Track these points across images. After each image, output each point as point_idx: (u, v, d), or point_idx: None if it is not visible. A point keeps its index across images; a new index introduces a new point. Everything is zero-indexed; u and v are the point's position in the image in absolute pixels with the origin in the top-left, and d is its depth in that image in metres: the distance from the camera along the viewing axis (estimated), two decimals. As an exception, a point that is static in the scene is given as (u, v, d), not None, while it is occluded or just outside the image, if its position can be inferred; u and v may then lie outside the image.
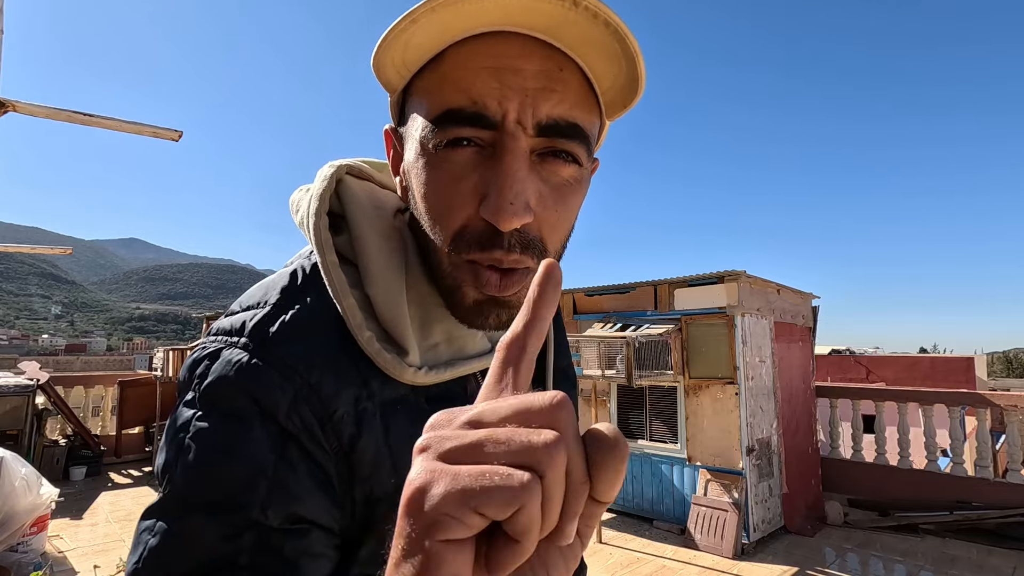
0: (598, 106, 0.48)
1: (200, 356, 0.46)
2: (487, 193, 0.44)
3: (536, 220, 0.45)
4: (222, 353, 0.45)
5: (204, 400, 0.44)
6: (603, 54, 0.44)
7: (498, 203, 0.43)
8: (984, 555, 4.62)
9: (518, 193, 0.43)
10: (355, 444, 0.46)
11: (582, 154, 0.47)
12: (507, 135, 0.43)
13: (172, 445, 0.43)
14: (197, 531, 0.40)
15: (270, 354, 0.45)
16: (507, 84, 0.43)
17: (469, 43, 0.44)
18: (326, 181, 0.54)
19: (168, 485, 0.42)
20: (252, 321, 0.47)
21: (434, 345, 0.52)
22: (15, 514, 3.70)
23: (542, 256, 0.47)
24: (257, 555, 0.40)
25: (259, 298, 0.50)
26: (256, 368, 0.44)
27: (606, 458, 0.24)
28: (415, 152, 0.48)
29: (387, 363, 0.48)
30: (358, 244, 0.52)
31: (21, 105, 3.55)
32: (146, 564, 0.40)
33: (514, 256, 0.45)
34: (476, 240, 0.45)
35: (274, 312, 0.48)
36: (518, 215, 0.43)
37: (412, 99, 0.49)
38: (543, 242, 0.47)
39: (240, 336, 0.46)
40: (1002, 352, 55.27)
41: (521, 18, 0.42)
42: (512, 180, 0.43)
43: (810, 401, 6.04)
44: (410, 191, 0.50)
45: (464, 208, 0.45)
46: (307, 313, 0.48)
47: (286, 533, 0.41)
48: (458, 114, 0.43)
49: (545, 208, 0.46)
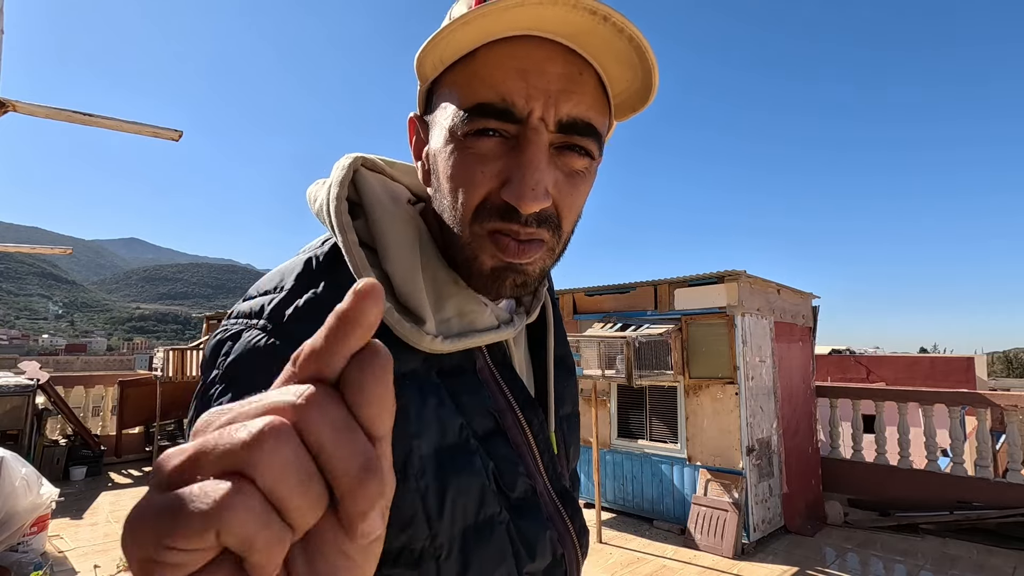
0: (609, 107, 0.54)
1: (223, 337, 0.50)
2: (510, 178, 0.49)
3: (553, 202, 0.51)
4: (243, 335, 0.49)
5: (226, 376, 0.47)
6: (621, 62, 0.50)
7: (520, 189, 0.48)
8: (984, 555, 4.62)
9: (539, 181, 0.48)
10: None
11: (594, 149, 0.52)
12: (531, 130, 0.49)
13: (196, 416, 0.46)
14: None
15: (287, 335, 0.48)
16: (533, 85, 0.48)
17: (500, 44, 0.49)
18: (344, 170, 0.58)
19: None
20: (270, 305, 0.50)
21: (447, 319, 0.55)
22: (15, 514, 3.70)
23: (557, 231, 0.53)
24: None
25: (276, 283, 0.53)
26: (274, 347, 0.47)
27: (362, 368, 0.22)
28: (444, 138, 0.52)
29: (406, 332, 0.51)
30: (375, 227, 0.56)
31: (21, 105, 3.55)
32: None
33: (531, 229, 0.50)
34: (497, 212, 0.50)
35: (290, 296, 0.51)
36: (538, 200, 0.49)
37: (442, 90, 0.53)
38: (559, 218, 0.53)
39: (259, 319, 0.50)
40: (1002, 352, 55.26)
41: (552, 26, 0.47)
42: (534, 169, 0.48)
43: (810, 401, 6.04)
44: (434, 173, 0.54)
45: (486, 185, 0.50)
46: (320, 298, 0.51)
47: None
48: (489, 108, 0.48)
49: (561, 193, 0.51)
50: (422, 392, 0.51)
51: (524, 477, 0.57)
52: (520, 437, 0.58)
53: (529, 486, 0.57)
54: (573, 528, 0.62)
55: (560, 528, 0.60)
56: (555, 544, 0.58)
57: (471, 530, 0.51)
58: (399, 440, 0.49)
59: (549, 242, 0.53)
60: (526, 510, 0.56)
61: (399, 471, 0.48)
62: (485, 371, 0.59)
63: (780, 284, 5.66)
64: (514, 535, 0.54)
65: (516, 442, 0.58)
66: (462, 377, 0.56)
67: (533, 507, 0.57)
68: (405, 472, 0.48)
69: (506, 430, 0.57)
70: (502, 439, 0.56)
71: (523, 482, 0.57)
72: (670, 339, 5.08)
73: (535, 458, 0.59)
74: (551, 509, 0.60)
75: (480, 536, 0.51)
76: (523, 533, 0.55)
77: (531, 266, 0.53)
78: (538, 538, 0.56)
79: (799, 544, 4.86)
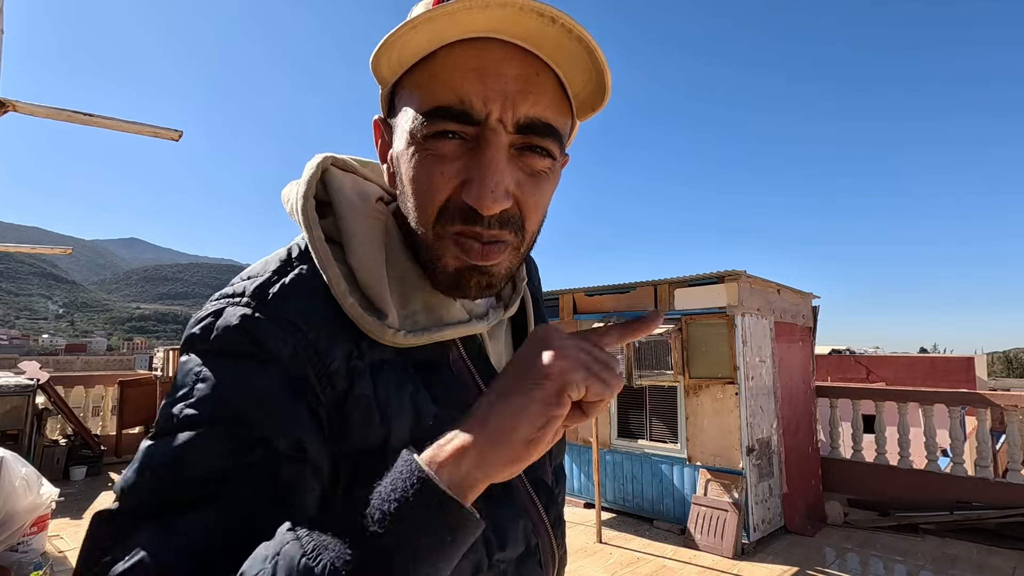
0: (570, 108, 0.54)
1: (204, 315, 0.50)
2: (470, 179, 0.49)
3: (516, 203, 0.52)
4: (226, 311, 0.49)
5: (213, 349, 0.47)
6: (575, 64, 0.50)
7: (480, 191, 0.48)
8: (984, 555, 4.61)
9: (498, 183, 0.49)
10: (348, 396, 0.50)
11: (555, 149, 0.52)
12: (489, 131, 0.49)
13: (179, 388, 0.46)
14: (207, 442, 0.43)
15: (271, 310, 0.49)
16: (490, 86, 0.48)
17: (458, 46, 0.49)
18: (312, 169, 0.59)
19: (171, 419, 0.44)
20: (253, 285, 0.51)
21: (413, 313, 0.57)
22: (15, 514, 3.70)
23: (520, 232, 0.53)
24: (261, 472, 0.43)
25: (258, 270, 0.54)
26: (259, 320, 0.48)
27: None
28: (405, 141, 0.52)
29: (369, 325, 0.52)
30: (341, 223, 0.57)
31: (21, 105, 3.55)
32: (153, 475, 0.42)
33: (493, 232, 0.51)
34: (459, 214, 0.50)
35: (273, 278, 0.52)
36: (498, 201, 0.49)
37: (403, 92, 0.53)
38: (523, 219, 0.53)
39: (242, 297, 0.50)
40: (1002, 352, 55.24)
41: (505, 28, 0.47)
42: (494, 170, 0.48)
43: (810, 401, 6.03)
44: (398, 175, 0.55)
45: (447, 187, 0.50)
46: (303, 280, 0.53)
47: (287, 459, 0.44)
48: (447, 111, 0.49)
49: (524, 193, 0.52)
50: (399, 378, 0.53)
51: None
52: None
53: None
54: (547, 519, 0.63)
55: (534, 518, 0.61)
56: (528, 534, 0.59)
57: None
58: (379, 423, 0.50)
59: (513, 242, 0.53)
60: (498, 500, 0.56)
61: (376, 452, 0.49)
62: (459, 363, 0.59)
63: (780, 284, 5.66)
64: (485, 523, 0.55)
65: None
66: (436, 370, 0.57)
67: (506, 497, 0.58)
68: (383, 454, 0.49)
69: None
70: None
71: None
72: (670, 339, 5.08)
73: None
74: (525, 499, 0.61)
75: None
76: (494, 522, 0.55)
77: (496, 267, 0.53)
78: (510, 527, 0.57)
79: (799, 544, 4.86)
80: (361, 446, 0.49)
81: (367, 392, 0.50)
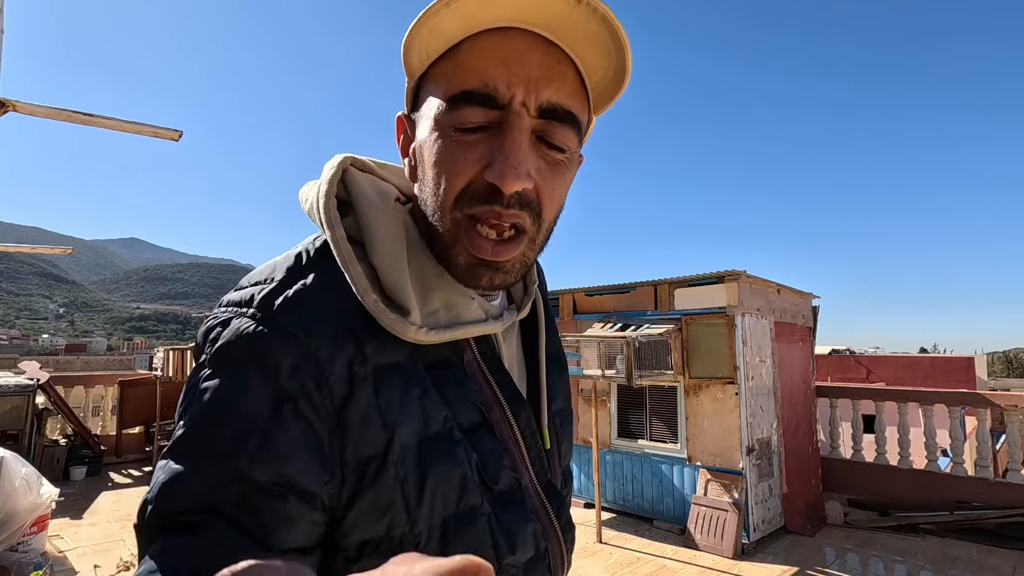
0: (588, 101, 0.56)
1: (213, 324, 0.51)
2: (493, 160, 0.50)
3: (535, 187, 0.53)
4: (232, 322, 0.50)
5: (214, 361, 0.49)
6: (596, 48, 0.52)
7: (503, 169, 0.50)
8: (984, 555, 4.62)
9: (521, 161, 0.50)
10: (347, 403, 0.50)
11: (574, 138, 0.54)
12: (513, 114, 0.50)
13: (186, 397, 0.49)
14: (194, 474, 0.44)
15: (274, 323, 0.49)
16: (514, 72, 0.50)
17: (483, 36, 0.51)
18: (334, 169, 0.60)
19: (181, 429, 0.47)
20: (260, 295, 0.52)
21: (433, 311, 0.56)
22: (15, 514, 3.70)
23: (538, 217, 0.54)
24: (239, 508, 0.44)
25: (266, 275, 0.54)
26: (261, 335, 0.48)
27: None
28: (428, 128, 0.54)
29: (392, 322, 0.52)
30: (363, 221, 0.57)
31: (21, 105, 3.55)
32: (155, 497, 0.45)
33: (512, 211, 0.51)
34: (478, 196, 0.52)
35: (279, 287, 0.52)
36: (520, 179, 0.50)
37: (428, 85, 0.55)
38: (540, 205, 0.54)
39: (249, 307, 0.51)
40: (1002, 352, 55.23)
41: (530, 15, 0.49)
42: (517, 150, 0.50)
43: (810, 401, 6.04)
44: (420, 165, 0.56)
45: (469, 170, 0.52)
46: (308, 289, 0.53)
47: (267, 494, 0.45)
48: (472, 94, 0.50)
49: (543, 179, 0.53)
50: (406, 382, 0.53)
51: (509, 470, 0.58)
52: (507, 431, 0.59)
53: (514, 479, 0.58)
54: (558, 523, 0.62)
55: (544, 522, 0.61)
56: (538, 538, 0.59)
57: (451, 519, 0.52)
58: (381, 428, 0.50)
59: (530, 231, 0.54)
60: (510, 503, 0.56)
61: (379, 458, 0.49)
62: (473, 365, 0.59)
63: (780, 284, 5.66)
64: (495, 527, 0.54)
65: (502, 436, 0.58)
66: (449, 370, 0.57)
67: (517, 500, 0.58)
68: (385, 459, 0.49)
69: (492, 424, 0.58)
70: (488, 432, 0.57)
71: (508, 475, 0.57)
72: (670, 339, 5.08)
73: (521, 452, 0.60)
74: (536, 503, 0.60)
75: (460, 526, 0.52)
76: (504, 525, 0.55)
77: (509, 263, 0.54)
78: (520, 531, 0.57)
79: (799, 544, 4.86)
80: (362, 453, 0.49)
81: (368, 398, 0.50)
